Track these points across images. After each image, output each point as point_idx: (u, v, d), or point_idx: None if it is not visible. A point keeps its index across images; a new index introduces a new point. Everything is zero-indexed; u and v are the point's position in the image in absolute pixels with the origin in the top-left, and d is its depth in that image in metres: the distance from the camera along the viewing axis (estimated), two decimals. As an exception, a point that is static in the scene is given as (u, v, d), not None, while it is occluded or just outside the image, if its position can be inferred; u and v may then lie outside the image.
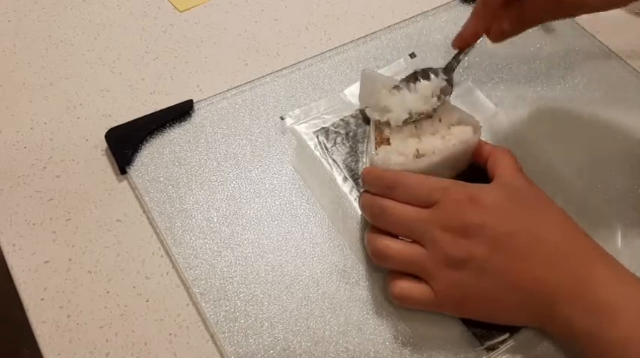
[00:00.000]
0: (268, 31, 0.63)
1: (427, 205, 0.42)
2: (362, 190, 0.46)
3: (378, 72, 0.56)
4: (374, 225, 0.44)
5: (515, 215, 0.41)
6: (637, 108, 0.57)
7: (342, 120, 0.54)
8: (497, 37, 0.50)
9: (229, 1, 0.66)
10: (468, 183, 0.43)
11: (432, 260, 0.41)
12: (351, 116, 0.54)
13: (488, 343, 0.43)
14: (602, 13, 0.48)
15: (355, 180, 0.50)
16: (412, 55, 0.60)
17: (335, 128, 0.54)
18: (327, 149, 0.52)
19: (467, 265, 0.40)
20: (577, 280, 0.39)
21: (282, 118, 0.55)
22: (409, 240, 0.43)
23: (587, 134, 0.55)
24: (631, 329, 0.37)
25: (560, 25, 0.63)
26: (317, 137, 0.53)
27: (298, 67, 0.59)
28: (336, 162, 0.51)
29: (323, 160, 0.52)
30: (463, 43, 0.50)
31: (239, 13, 0.65)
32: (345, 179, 0.50)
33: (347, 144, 0.52)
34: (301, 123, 0.54)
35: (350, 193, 0.50)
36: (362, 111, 0.55)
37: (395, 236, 0.43)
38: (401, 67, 0.59)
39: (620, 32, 0.63)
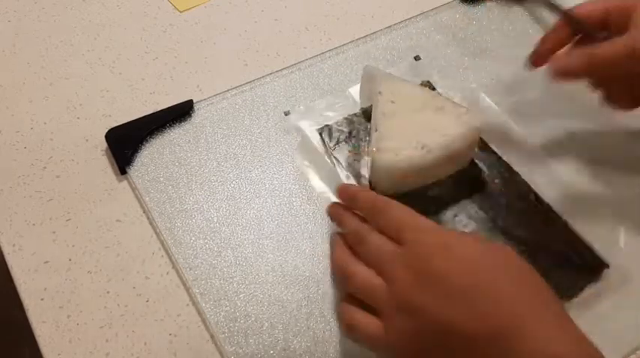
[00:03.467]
0: (268, 31, 0.63)
1: (398, 242, 0.39)
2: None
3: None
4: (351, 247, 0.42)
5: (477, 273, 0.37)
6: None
7: (345, 118, 0.54)
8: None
9: (229, 1, 0.66)
10: (447, 230, 0.42)
11: (388, 297, 0.38)
12: (355, 115, 0.54)
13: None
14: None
15: (357, 178, 0.50)
16: (417, 58, 0.60)
17: (338, 126, 0.53)
18: (329, 147, 0.52)
19: (417, 315, 0.37)
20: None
21: (286, 114, 0.55)
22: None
23: (588, 134, 0.55)
24: None
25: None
26: (320, 134, 0.53)
27: (298, 67, 0.59)
28: (339, 161, 0.51)
29: (326, 157, 0.52)
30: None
31: (239, 13, 0.65)
32: (347, 177, 0.50)
33: (350, 143, 0.52)
34: (305, 120, 0.54)
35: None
36: (365, 110, 0.54)
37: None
38: (405, 69, 0.59)
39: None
